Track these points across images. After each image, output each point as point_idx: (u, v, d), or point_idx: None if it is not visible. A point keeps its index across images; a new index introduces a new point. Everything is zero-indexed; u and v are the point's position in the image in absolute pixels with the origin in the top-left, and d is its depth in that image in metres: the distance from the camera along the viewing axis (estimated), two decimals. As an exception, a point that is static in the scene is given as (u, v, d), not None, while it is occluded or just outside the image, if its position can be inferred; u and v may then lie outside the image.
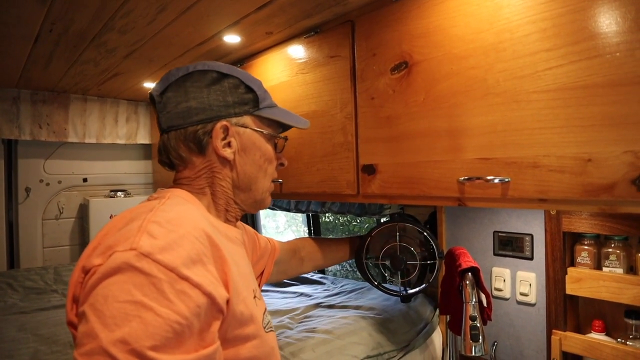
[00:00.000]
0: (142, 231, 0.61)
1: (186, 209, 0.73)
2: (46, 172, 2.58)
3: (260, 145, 0.89)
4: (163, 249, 0.59)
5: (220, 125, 0.83)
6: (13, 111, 2.30)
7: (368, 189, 1.31)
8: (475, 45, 1.04)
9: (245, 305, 0.71)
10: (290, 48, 1.58)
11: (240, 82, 0.87)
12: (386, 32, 1.24)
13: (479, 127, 1.04)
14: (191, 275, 0.60)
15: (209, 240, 0.67)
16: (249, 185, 0.88)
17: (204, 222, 0.71)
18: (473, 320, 1.14)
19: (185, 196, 0.79)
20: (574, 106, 0.89)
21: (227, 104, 0.84)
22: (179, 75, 0.84)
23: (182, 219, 0.67)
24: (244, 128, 0.86)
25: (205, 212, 0.80)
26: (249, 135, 0.87)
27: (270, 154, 0.91)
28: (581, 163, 0.88)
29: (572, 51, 0.89)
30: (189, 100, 0.82)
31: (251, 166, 0.88)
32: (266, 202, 0.95)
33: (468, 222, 1.60)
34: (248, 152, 0.87)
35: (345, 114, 1.37)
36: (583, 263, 1.29)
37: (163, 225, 0.63)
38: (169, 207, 0.70)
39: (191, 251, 0.62)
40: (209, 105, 0.83)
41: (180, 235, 0.63)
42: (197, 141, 0.82)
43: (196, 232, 0.66)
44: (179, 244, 0.62)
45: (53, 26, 1.41)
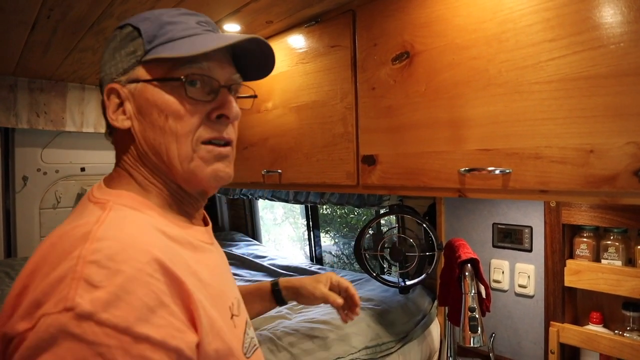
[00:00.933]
0: (78, 279, 0.46)
1: (134, 227, 0.56)
2: (43, 161, 2.57)
3: (155, 100, 0.63)
4: (108, 303, 0.45)
5: (106, 90, 0.64)
6: (10, 99, 2.28)
7: (368, 180, 1.31)
8: (478, 35, 1.03)
9: (220, 339, 0.58)
10: (290, 37, 1.57)
11: (131, 27, 0.65)
12: (387, 21, 1.23)
13: (480, 118, 1.04)
14: (151, 332, 0.47)
15: (166, 273, 0.52)
16: (160, 156, 0.64)
17: (158, 242, 0.55)
18: (472, 312, 1.14)
19: (131, 201, 0.61)
20: (576, 97, 0.88)
21: (116, 62, 0.65)
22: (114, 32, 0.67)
23: (128, 250, 0.50)
24: (136, 83, 0.64)
25: (160, 219, 0.62)
26: (140, 90, 0.64)
27: (172, 106, 0.63)
28: (583, 154, 0.88)
29: (575, 41, 0.88)
30: (102, 65, 0.68)
31: (152, 130, 0.64)
32: (202, 173, 0.65)
33: (467, 214, 1.60)
34: (144, 114, 0.64)
35: (345, 104, 1.36)
36: (582, 255, 1.30)
37: (104, 266, 0.47)
38: (109, 231, 0.52)
39: (146, 296, 0.48)
40: (103, 68, 0.67)
41: (129, 277, 0.48)
42: (104, 114, 0.66)
43: (149, 266, 0.50)
44: (129, 291, 0.47)
45: (51, 12, 1.40)
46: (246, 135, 1.78)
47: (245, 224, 3.28)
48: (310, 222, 2.79)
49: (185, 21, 0.66)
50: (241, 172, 1.81)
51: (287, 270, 2.38)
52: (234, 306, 0.68)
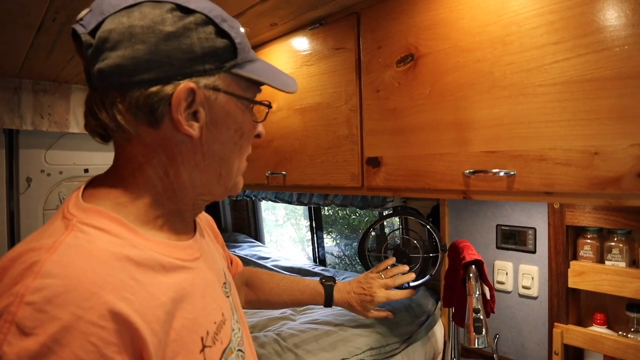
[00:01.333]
0: (10, 322, 0.42)
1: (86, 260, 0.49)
2: (47, 163, 2.58)
3: (236, 116, 0.64)
4: (37, 356, 0.41)
5: (184, 88, 0.57)
6: (14, 101, 2.29)
7: (373, 182, 1.31)
8: (482, 38, 1.04)
9: None
10: (294, 40, 1.58)
11: (210, 21, 0.59)
12: (392, 24, 1.24)
13: (485, 120, 1.04)
14: None
15: (115, 318, 0.46)
16: (219, 169, 0.65)
17: (117, 278, 0.50)
18: (476, 313, 1.15)
19: (100, 221, 0.55)
20: (581, 99, 0.89)
21: (194, 57, 0.57)
22: (121, 6, 0.55)
23: (72, 293, 0.45)
24: (216, 92, 0.60)
25: (132, 238, 0.56)
26: (221, 102, 0.61)
27: (248, 126, 0.66)
28: (588, 156, 0.88)
29: (579, 44, 0.89)
30: (136, 45, 0.54)
31: (222, 145, 0.64)
32: (238, 187, 0.71)
33: (471, 216, 1.60)
34: (219, 126, 0.62)
35: (350, 106, 1.37)
36: (586, 257, 1.30)
37: (41, 309, 0.43)
38: (57, 266, 0.47)
39: (82, 350, 0.43)
40: (167, 56, 0.56)
41: (64, 327, 0.43)
42: (147, 109, 0.56)
43: (93, 312, 0.45)
44: (62, 343, 0.42)
45: (56, 15, 1.41)
46: (250, 137, 1.78)
47: (248, 225, 3.28)
48: (314, 224, 2.80)
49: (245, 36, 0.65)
50: (245, 174, 1.79)
51: (290, 272, 2.38)
52: (209, 335, 0.61)
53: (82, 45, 0.56)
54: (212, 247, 0.81)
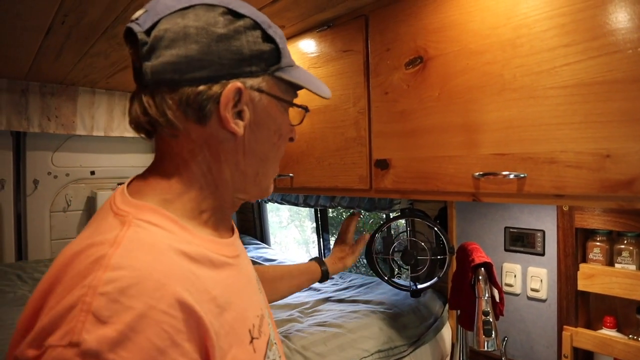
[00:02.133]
0: (86, 311, 0.44)
1: (153, 252, 0.52)
2: (54, 165, 2.59)
3: (276, 117, 0.67)
4: (115, 343, 0.43)
5: (232, 87, 0.59)
6: (22, 103, 2.30)
7: (381, 184, 1.31)
8: (492, 40, 1.04)
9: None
10: (302, 42, 1.58)
11: (258, 26, 0.62)
12: (401, 26, 1.24)
13: (495, 123, 1.04)
14: None
15: (184, 309, 0.49)
16: (258, 169, 0.68)
17: (178, 271, 0.53)
18: (486, 315, 1.14)
19: (154, 217, 0.57)
20: (592, 102, 0.89)
21: (242, 58, 0.60)
22: (176, 8, 0.58)
23: (143, 284, 0.48)
24: (260, 93, 0.63)
25: (184, 235, 0.59)
26: (264, 103, 0.64)
27: (286, 128, 0.70)
28: (599, 159, 0.88)
29: (591, 47, 0.88)
30: (189, 45, 0.57)
31: (263, 144, 0.67)
32: (270, 190, 0.74)
33: (479, 218, 1.60)
34: (262, 126, 0.65)
35: (358, 108, 1.37)
36: (595, 259, 1.30)
37: (115, 300, 0.45)
38: (125, 259, 0.49)
39: (157, 337, 0.46)
40: (218, 56, 0.59)
41: (139, 315, 0.45)
42: (197, 107, 0.59)
43: (164, 302, 0.48)
44: (139, 330, 0.45)
45: (65, 18, 1.41)
46: (257, 139, 1.78)
47: (253, 227, 3.28)
48: (320, 226, 2.79)
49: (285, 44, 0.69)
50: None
51: (296, 274, 2.39)
52: (255, 328, 0.65)
53: (136, 43, 0.58)
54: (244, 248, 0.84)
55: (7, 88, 2.25)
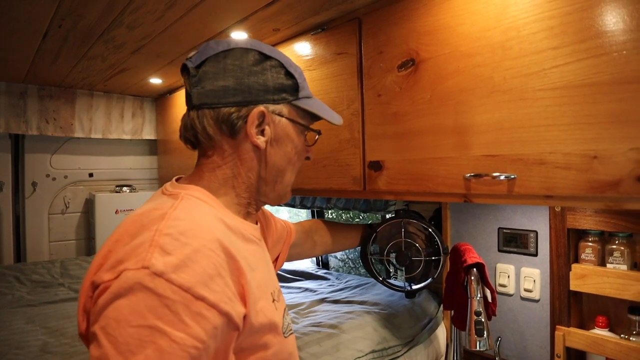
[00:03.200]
0: (155, 246, 0.57)
1: (201, 214, 0.69)
2: (52, 167, 2.60)
3: (293, 137, 0.84)
4: (177, 267, 0.56)
5: (257, 110, 0.78)
6: (20, 106, 2.31)
7: (374, 185, 1.32)
8: (482, 43, 1.05)
9: (264, 315, 0.69)
10: (297, 45, 1.59)
11: (282, 66, 0.82)
12: (393, 29, 1.25)
13: (485, 124, 1.05)
14: (207, 294, 0.57)
15: (225, 251, 0.63)
16: (276, 177, 0.84)
17: (219, 228, 0.68)
18: (478, 316, 1.15)
19: (200, 194, 0.74)
20: (580, 104, 0.90)
21: (267, 89, 0.79)
22: (219, 50, 0.78)
23: (196, 229, 0.62)
24: (280, 117, 0.81)
25: (222, 210, 0.76)
26: (284, 125, 0.82)
27: (301, 147, 0.87)
28: (587, 160, 0.89)
29: (579, 49, 0.90)
30: (227, 78, 0.77)
31: (281, 158, 0.83)
32: (287, 197, 0.91)
33: (473, 219, 1.61)
34: (280, 143, 0.83)
35: (352, 110, 1.38)
36: (587, 259, 1.31)
37: (176, 238, 0.59)
38: (182, 214, 0.65)
39: (207, 266, 0.59)
40: (248, 87, 0.77)
41: (195, 249, 0.59)
42: (229, 124, 0.77)
43: (212, 244, 0.62)
44: (194, 260, 0.58)
45: (62, 22, 1.43)
46: (253, 141, 1.79)
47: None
48: (316, 227, 2.80)
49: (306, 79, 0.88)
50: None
51: (293, 275, 2.40)
52: (275, 293, 0.79)
53: (189, 75, 0.78)
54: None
55: (6, 91, 2.26)
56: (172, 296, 0.54)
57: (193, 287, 0.56)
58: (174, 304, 0.54)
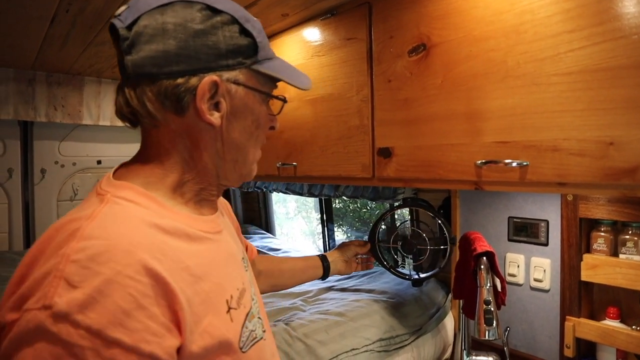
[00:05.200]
0: (59, 277, 0.48)
1: (124, 225, 0.56)
2: (61, 154, 2.61)
3: (253, 108, 0.70)
4: (84, 305, 0.47)
5: (208, 81, 0.63)
6: (29, 93, 2.32)
7: (384, 172, 1.31)
8: (496, 27, 1.03)
9: (209, 335, 0.59)
10: (306, 30, 1.57)
11: (236, 22, 0.65)
12: (404, 14, 1.23)
13: (497, 110, 1.03)
14: (123, 336, 0.48)
15: (150, 274, 0.52)
16: (236, 157, 0.71)
17: (147, 241, 0.56)
18: (487, 305, 1.14)
19: (130, 194, 0.62)
20: (596, 89, 0.87)
21: (219, 53, 0.64)
22: (155, 5, 0.61)
23: (112, 252, 0.51)
24: (237, 85, 0.66)
25: (159, 210, 0.62)
26: (241, 95, 0.67)
27: (263, 118, 0.73)
28: (602, 146, 0.87)
29: (595, 32, 0.87)
30: (168, 41, 0.61)
31: (241, 134, 0.70)
32: (252, 174, 0.77)
33: (483, 208, 1.59)
34: (239, 117, 0.68)
35: (361, 96, 1.36)
36: (599, 250, 1.29)
37: (85, 266, 0.49)
38: (97, 230, 0.53)
39: (123, 299, 0.49)
40: (195, 51, 0.62)
41: (106, 280, 0.48)
42: (174, 99, 0.62)
43: (130, 268, 0.51)
44: (105, 294, 0.48)
45: (70, 6, 1.41)
46: (261, 128, 1.78)
47: (259, 216, 3.29)
48: (324, 216, 2.79)
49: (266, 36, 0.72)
50: (256, 165, 1.82)
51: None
52: (233, 299, 0.67)
53: (119, 38, 0.62)
54: (231, 227, 0.87)
55: (14, 78, 2.26)
56: (80, 342, 0.46)
57: (104, 330, 0.47)
58: (82, 352, 0.46)
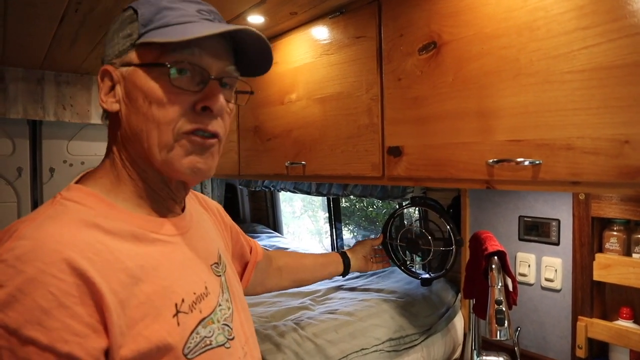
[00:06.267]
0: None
1: (56, 225, 0.55)
2: (70, 153, 2.62)
3: (142, 85, 0.63)
4: (4, 304, 0.47)
5: (100, 71, 0.65)
6: (38, 92, 2.33)
7: (394, 171, 1.30)
8: (508, 24, 1.02)
9: (145, 339, 0.56)
10: (314, 29, 1.56)
11: (132, 9, 0.66)
12: (414, 11, 1.22)
13: (510, 109, 1.02)
14: (38, 335, 0.47)
15: (75, 273, 0.51)
16: (141, 142, 0.64)
17: (77, 240, 0.54)
18: (499, 304, 1.13)
19: (77, 195, 0.62)
20: (611, 86, 0.86)
21: (113, 42, 0.66)
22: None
23: (37, 251, 0.51)
24: (128, 67, 0.64)
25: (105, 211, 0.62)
26: (131, 74, 0.64)
27: (156, 93, 0.62)
28: (617, 145, 0.86)
29: (610, 29, 0.86)
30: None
31: (136, 116, 0.64)
32: (178, 163, 0.65)
33: (493, 207, 1.58)
34: (131, 98, 0.64)
35: (371, 95, 1.35)
36: (612, 249, 1.27)
37: (12, 265, 0.49)
38: (30, 230, 0.53)
39: (42, 298, 0.48)
40: (104, 52, 0.67)
41: (28, 278, 0.48)
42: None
43: (54, 267, 0.50)
44: (25, 292, 0.48)
45: (79, 6, 1.42)
46: (269, 127, 1.78)
47: (266, 215, 3.29)
48: (332, 215, 2.79)
49: (184, 8, 0.65)
50: (264, 164, 1.82)
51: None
52: (185, 303, 0.63)
53: None
54: (210, 231, 0.85)
55: (23, 77, 2.27)
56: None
57: (20, 329, 0.46)
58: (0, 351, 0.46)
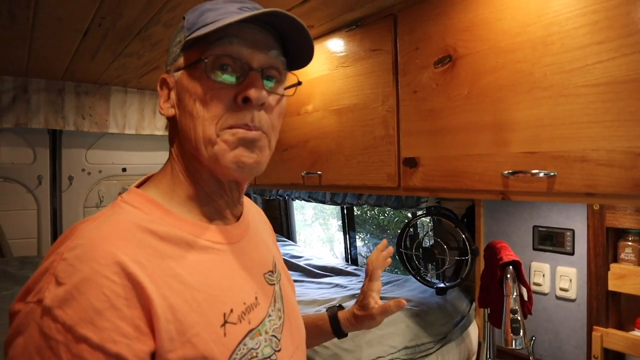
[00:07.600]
0: (52, 274, 0.51)
1: (115, 227, 0.57)
2: (88, 162, 2.67)
3: (187, 85, 0.64)
4: (63, 300, 0.49)
5: (159, 80, 0.68)
6: (58, 102, 2.38)
7: (409, 182, 1.32)
8: (522, 38, 1.04)
9: (192, 346, 0.56)
10: (330, 41, 1.60)
11: (184, 18, 0.68)
12: (430, 25, 1.24)
13: (524, 121, 1.04)
14: (91, 334, 0.48)
15: (126, 276, 0.52)
16: (190, 141, 0.64)
17: (130, 244, 0.55)
18: (514, 314, 1.14)
19: (135, 199, 0.63)
20: (625, 99, 0.88)
21: (170, 52, 0.69)
22: None
23: (94, 251, 0.52)
24: (179, 72, 0.66)
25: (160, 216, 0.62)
26: (180, 78, 0.65)
27: (197, 91, 0.63)
28: (632, 157, 0.87)
29: (625, 44, 0.88)
30: None
31: (187, 118, 0.64)
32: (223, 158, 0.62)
33: (507, 217, 1.59)
34: (181, 100, 0.65)
35: (387, 107, 1.38)
36: (627, 259, 1.28)
37: (71, 264, 0.51)
38: (90, 231, 0.55)
39: (96, 298, 0.49)
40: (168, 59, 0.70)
41: (84, 278, 0.50)
42: None
43: (107, 268, 0.51)
44: (81, 291, 0.49)
45: (102, 20, 1.46)
46: (286, 138, 1.81)
47: (280, 224, 3.32)
48: (346, 223, 2.81)
49: (225, 7, 0.64)
50: (280, 174, 1.85)
51: (323, 271, 2.40)
52: (234, 313, 0.62)
53: None
54: (264, 240, 0.83)
55: (45, 88, 2.33)
56: (57, 336, 0.48)
57: (75, 326, 0.48)
58: (57, 346, 0.48)
